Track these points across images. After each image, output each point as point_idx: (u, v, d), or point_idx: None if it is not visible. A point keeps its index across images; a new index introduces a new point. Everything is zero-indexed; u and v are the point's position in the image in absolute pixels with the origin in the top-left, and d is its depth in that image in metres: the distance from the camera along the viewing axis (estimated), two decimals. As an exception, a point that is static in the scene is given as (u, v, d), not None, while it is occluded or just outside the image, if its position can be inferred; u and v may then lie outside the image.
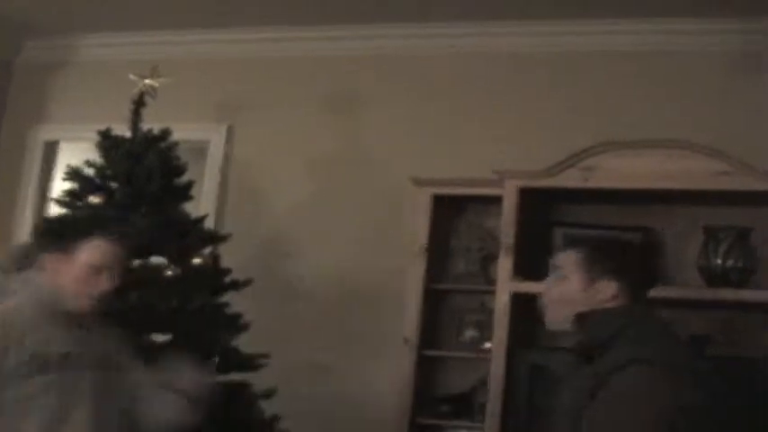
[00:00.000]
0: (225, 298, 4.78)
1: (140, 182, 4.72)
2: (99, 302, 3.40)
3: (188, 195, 4.91)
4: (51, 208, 5.38)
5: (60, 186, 5.06)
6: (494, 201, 4.93)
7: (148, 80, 4.94)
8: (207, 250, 4.82)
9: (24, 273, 3.54)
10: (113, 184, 4.77)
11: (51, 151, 6.30)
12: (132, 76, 4.95)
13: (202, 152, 5.87)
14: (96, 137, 4.88)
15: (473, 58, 5.52)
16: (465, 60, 5.54)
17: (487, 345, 4.83)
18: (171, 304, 4.55)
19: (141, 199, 4.71)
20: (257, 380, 4.73)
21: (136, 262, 4.61)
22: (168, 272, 4.59)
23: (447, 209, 5.22)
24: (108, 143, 4.84)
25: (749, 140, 4.86)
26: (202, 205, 5.59)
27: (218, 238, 4.95)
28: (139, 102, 4.92)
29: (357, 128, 5.66)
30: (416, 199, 5.11)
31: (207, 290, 4.70)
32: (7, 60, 6.39)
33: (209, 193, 5.78)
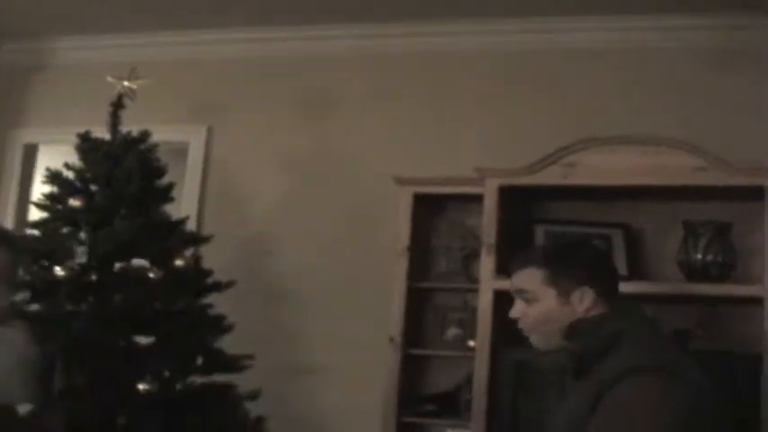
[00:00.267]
0: (208, 299, 4.78)
1: (120, 184, 4.72)
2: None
3: (169, 197, 4.91)
4: (32, 211, 5.35)
5: (40, 189, 5.06)
6: (475, 199, 4.93)
7: (127, 82, 4.94)
8: (189, 252, 4.83)
9: None
10: (93, 187, 4.78)
11: (31, 154, 6.27)
12: (110, 79, 4.94)
13: (182, 154, 5.86)
14: (75, 139, 4.88)
15: (453, 57, 5.52)
16: (444, 59, 5.54)
17: (472, 343, 4.84)
18: (154, 306, 4.56)
19: (121, 201, 4.71)
20: (242, 381, 4.73)
21: (117, 265, 4.62)
22: (150, 274, 4.59)
23: (428, 207, 5.23)
24: (87, 146, 4.85)
25: (727, 136, 4.88)
26: (183, 207, 5.59)
27: (199, 240, 4.96)
28: (118, 104, 4.91)
29: (337, 127, 5.67)
30: (397, 198, 5.11)
31: (190, 291, 4.70)
32: (-15, 64, 6.37)
33: (189, 195, 5.77)
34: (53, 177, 4.78)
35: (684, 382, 2.62)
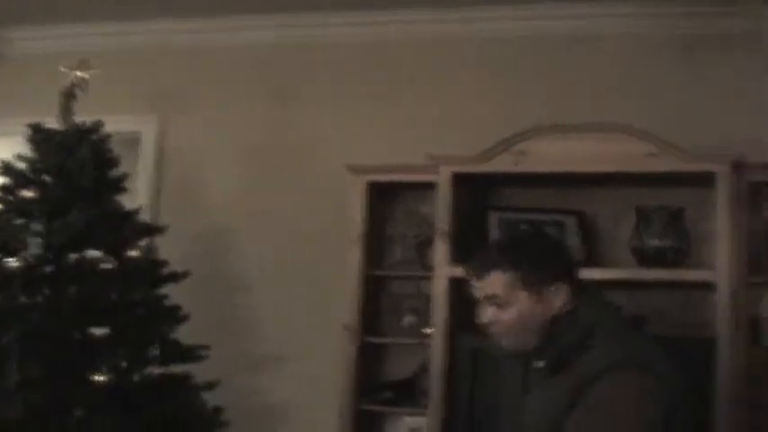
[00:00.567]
0: (163, 290, 4.77)
1: (73, 175, 4.69)
2: None
3: (122, 187, 4.89)
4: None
5: (-7, 181, 5.02)
6: (429, 187, 4.95)
7: (79, 72, 4.89)
8: (143, 242, 4.80)
9: None
10: (46, 178, 4.74)
11: (-18, 146, 6.22)
12: (62, 69, 4.90)
13: (136, 144, 5.82)
14: (27, 131, 4.84)
15: (407, 46, 5.53)
16: (398, 47, 5.54)
17: (428, 330, 4.85)
18: (109, 297, 4.54)
19: (75, 192, 4.68)
20: (199, 372, 4.73)
21: (72, 256, 4.60)
22: (105, 265, 4.57)
23: (383, 196, 5.24)
24: (39, 137, 4.81)
25: (679, 123, 4.91)
26: (137, 197, 5.55)
27: (154, 230, 4.93)
28: (70, 94, 4.87)
29: (292, 117, 5.65)
30: (352, 186, 5.12)
31: (145, 282, 4.69)
32: (-65, 56, 6.30)
33: (143, 185, 5.74)
34: (5, 169, 4.74)
35: (661, 377, 2.64)
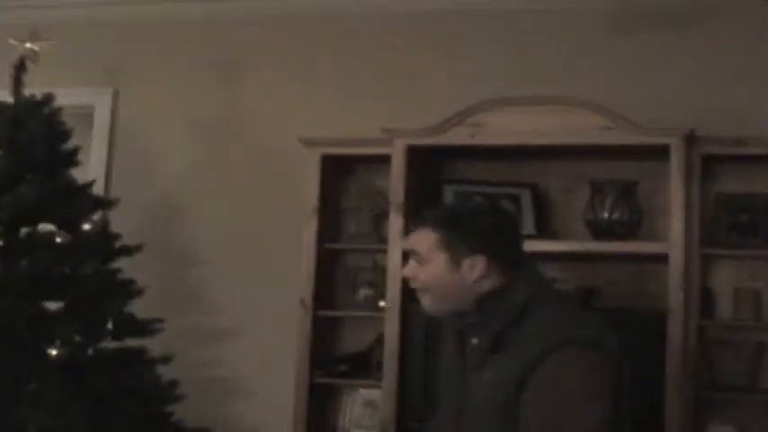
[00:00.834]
0: (117, 264, 4.75)
1: (24, 148, 4.66)
2: None
3: (75, 161, 4.86)
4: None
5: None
6: (384, 160, 4.94)
7: (29, 44, 4.85)
8: (96, 216, 4.78)
9: None
10: (-3, 152, 4.71)
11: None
12: (12, 41, 4.85)
13: (89, 117, 5.77)
14: (-23, 104, 4.80)
15: (361, 18, 5.51)
16: (351, 19, 5.52)
17: (382, 303, 4.86)
18: (62, 271, 4.52)
19: (26, 165, 4.65)
20: (153, 345, 4.72)
21: (24, 230, 4.57)
22: (58, 239, 4.54)
23: (337, 169, 5.23)
24: (-11, 110, 4.78)
25: (632, 96, 4.94)
26: (90, 171, 5.52)
27: (106, 204, 4.90)
28: (20, 67, 4.83)
29: (244, 89, 5.63)
30: (306, 159, 5.10)
31: (98, 256, 4.67)
32: None
33: (96, 159, 5.69)
34: (-45, 142, 4.70)
35: (606, 353, 2.65)
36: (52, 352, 4.29)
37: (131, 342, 4.69)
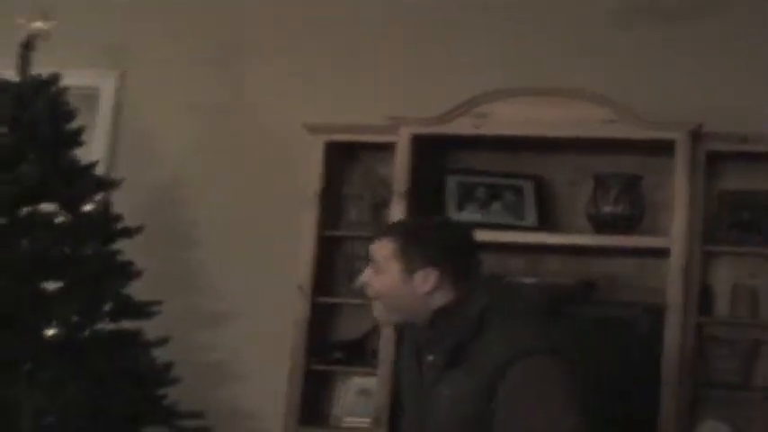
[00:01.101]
0: (117, 245, 4.75)
1: (29, 127, 4.66)
2: None
3: (78, 141, 4.86)
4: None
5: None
6: (387, 148, 4.94)
7: (38, 23, 4.84)
8: (98, 197, 4.77)
9: None
10: (1, 129, 4.69)
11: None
12: (20, 20, 4.84)
13: (94, 98, 5.76)
14: (-18, 82, 4.79)
15: (367, 4, 5.50)
16: (358, 6, 5.51)
17: (380, 291, 4.85)
18: (62, 251, 4.52)
19: (30, 144, 4.65)
20: (150, 328, 4.72)
21: (25, 209, 4.56)
22: (59, 219, 4.53)
23: (340, 156, 5.22)
24: (-6, 88, 4.77)
25: (638, 90, 4.93)
26: (94, 151, 5.50)
27: (109, 185, 4.90)
28: (28, 46, 4.82)
29: (250, 74, 5.61)
30: (309, 145, 5.09)
31: (98, 237, 4.67)
32: None
33: (100, 140, 5.68)
34: (-41, 120, 4.70)
35: (567, 360, 2.68)
36: (49, 332, 4.28)
37: (128, 324, 4.69)
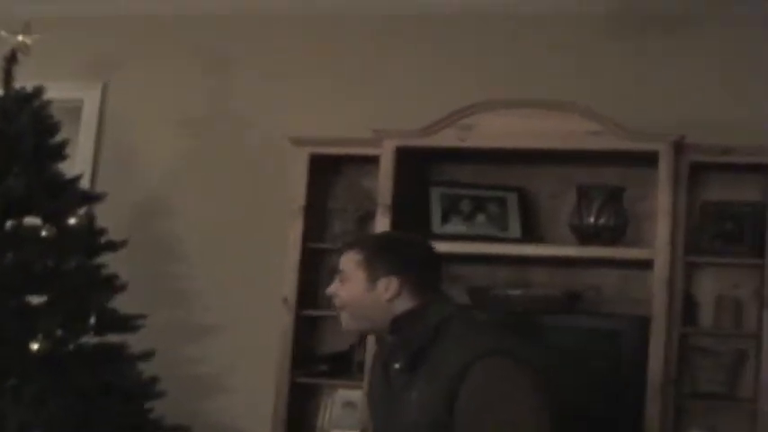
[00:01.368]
0: (101, 259, 4.74)
1: (13, 141, 4.65)
2: None
3: (62, 155, 4.85)
4: None
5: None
6: (372, 160, 4.94)
7: (21, 37, 4.84)
8: (82, 210, 4.76)
9: None
10: (-16, 143, 4.69)
11: None
12: (3, 33, 4.84)
13: (77, 111, 5.76)
14: (-34, 96, 4.78)
15: (351, 18, 5.50)
16: (342, 20, 5.52)
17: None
18: (46, 265, 4.51)
19: (14, 158, 4.63)
20: (135, 342, 4.71)
21: (9, 222, 4.55)
22: (43, 232, 4.52)
23: (325, 168, 5.22)
24: (-22, 102, 4.76)
25: (621, 102, 4.94)
26: (77, 165, 5.50)
27: (93, 198, 4.89)
28: (11, 59, 4.82)
29: (234, 87, 5.62)
30: (294, 159, 5.10)
31: (83, 250, 4.65)
32: None
33: (84, 153, 5.68)
34: (-58, 133, 4.68)
35: (526, 362, 2.71)
36: (34, 346, 4.27)
37: (113, 337, 4.68)
